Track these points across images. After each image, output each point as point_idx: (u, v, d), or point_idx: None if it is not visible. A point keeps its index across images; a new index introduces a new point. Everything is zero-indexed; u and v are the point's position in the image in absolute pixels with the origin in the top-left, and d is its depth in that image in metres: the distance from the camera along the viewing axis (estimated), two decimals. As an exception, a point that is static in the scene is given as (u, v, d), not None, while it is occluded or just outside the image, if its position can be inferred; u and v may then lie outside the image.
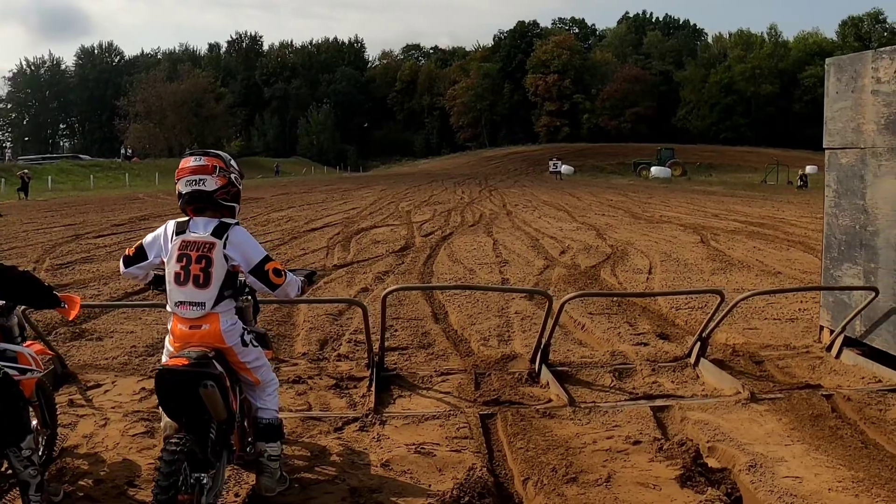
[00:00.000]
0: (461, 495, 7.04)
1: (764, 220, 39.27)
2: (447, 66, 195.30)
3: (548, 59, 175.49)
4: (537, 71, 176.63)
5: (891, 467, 7.86)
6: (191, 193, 6.88)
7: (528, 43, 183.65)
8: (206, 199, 6.88)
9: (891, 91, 11.06)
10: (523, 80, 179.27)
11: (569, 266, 22.57)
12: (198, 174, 6.89)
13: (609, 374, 11.18)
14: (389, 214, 42.42)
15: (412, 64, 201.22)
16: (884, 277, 11.26)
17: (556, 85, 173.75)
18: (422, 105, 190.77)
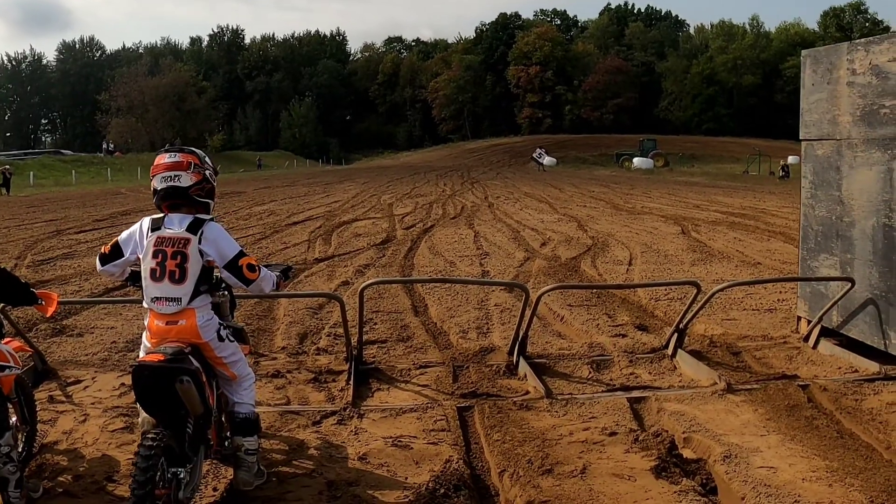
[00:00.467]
0: (437, 488, 7.08)
1: (745, 211, 39.36)
2: (429, 58, 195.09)
3: (530, 50, 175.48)
4: (519, 62, 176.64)
5: (865, 457, 7.92)
6: (166, 189, 6.91)
7: (509, 34, 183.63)
8: (182, 195, 6.92)
9: (866, 83, 11.12)
10: (505, 71, 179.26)
11: (549, 258, 22.61)
12: (173, 170, 6.92)
13: (587, 365, 11.22)
14: (371, 207, 42.42)
15: (394, 56, 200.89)
16: (860, 268, 11.32)
17: (538, 76, 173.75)
18: (404, 97, 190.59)
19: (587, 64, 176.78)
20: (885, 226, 10.76)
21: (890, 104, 10.65)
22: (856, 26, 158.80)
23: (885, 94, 10.74)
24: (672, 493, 7.04)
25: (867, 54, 11.10)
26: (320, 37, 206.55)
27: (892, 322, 10.67)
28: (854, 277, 11.30)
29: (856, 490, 7.05)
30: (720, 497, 7.19)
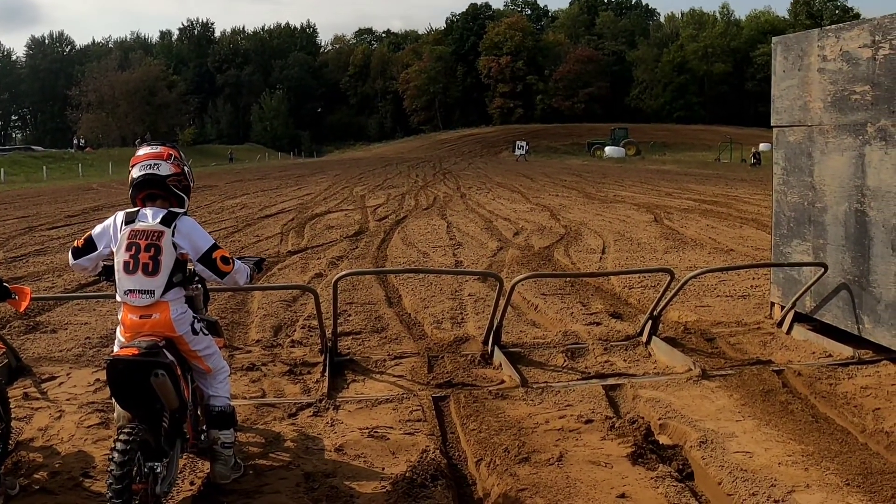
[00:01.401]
0: (415, 477, 7.10)
1: (717, 199, 39.46)
2: (400, 49, 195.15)
3: (500, 41, 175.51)
4: (490, 53, 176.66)
5: (841, 441, 7.99)
6: (143, 177, 7.00)
7: (480, 25, 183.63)
8: (159, 184, 7.00)
9: (836, 69, 11.18)
10: (476, 62, 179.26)
11: (522, 247, 22.62)
12: (153, 159, 7.03)
13: (562, 354, 11.24)
14: (343, 199, 42.35)
15: (365, 48, 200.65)
16: (832, 253, 11.38)
17: (509, 67, 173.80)
18: (375, 89, 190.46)
19: (558, 54, 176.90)
20: (856, 211, 10.82)
21: (861, 90, 10.71)
22: (826, 14, 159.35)
23: (855, 80, 10.80)
24: (649, 479, 7.07)
25: (838, 41, 11.17)
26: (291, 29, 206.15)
27: (864, 307, 10.73)
28: (827, 262, 11.36)
29: (831, 473, 7.09)
30: (697, 482, 7.23)
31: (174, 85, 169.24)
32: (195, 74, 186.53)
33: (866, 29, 10.64)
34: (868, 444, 7.96)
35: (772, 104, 12.89)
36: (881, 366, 10.29)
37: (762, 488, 6.77)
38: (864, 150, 10.67)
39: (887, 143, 10.24)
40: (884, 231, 10.32)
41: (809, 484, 6.90)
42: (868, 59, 10.58)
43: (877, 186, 10.46)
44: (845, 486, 6.86)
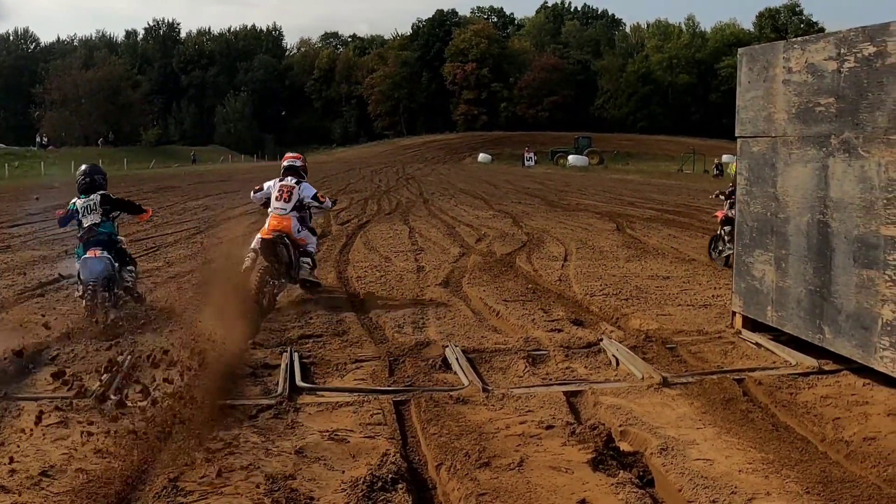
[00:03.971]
0: (374, 481, 7.07)
1: (679, 209, 39.68)
2: (365, 54, 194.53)
3: (466, 47, 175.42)
4: (455, 59, 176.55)
5: (801, 449, 8.04)
6: (288, 166, 16.19)
7: (446, 31, 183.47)
8: (295, 171, 16.13)
9: (801, 80, 11.27)
10: (441, 68, 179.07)
11: (484, 254, 22.67)
12: (293, 159, 16.51)
13: (523, 360, 11.22)
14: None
15: (330, 52, 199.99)
16: (794, 264, 11.45)
17: (474, 73, 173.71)
18: (339, 93, 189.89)
19: (523, 61, 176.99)
20: (819, 222, 10.88)
21: (825, 102, 10.79)
22: (791, 27, 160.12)
23: (820, 92, 10.88)
24: (609, 485, 7.06)
25: (803, 53, 11.25)
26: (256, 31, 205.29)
27: (826, 317, 10.78)
28: (789, 272, 11.43)
29: (791, 481, 7.12)
30: (657, 489, 7.24)
31: (138, 85, 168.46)
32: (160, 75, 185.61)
33: (832, 42, 10.71)
34: (828, 453, 8.01)
35: (736, 115, 12.98)
36: (842, 376, 10.36)
37: (722, 495, 6.80)
38: (827, 161, 10.73)
39: (850, 155, 10.30)
40: (846, 242, 10.38)
41: (770, 491, 6.93)
42: (833, 72, 10.65)
43: (839, 198, 10.52)
44: (805, 493, 6.90)
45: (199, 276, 17.80)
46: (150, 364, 10.05)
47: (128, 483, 7.16)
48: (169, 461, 7.57)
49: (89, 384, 9.93)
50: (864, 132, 10.09)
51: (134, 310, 14.25)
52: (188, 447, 7.86)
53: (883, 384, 9.80)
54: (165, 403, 8.67)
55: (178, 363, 10.12)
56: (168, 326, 12.93)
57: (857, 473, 7.49)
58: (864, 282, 10.08)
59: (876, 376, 9.95)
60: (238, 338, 11.51)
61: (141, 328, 13.00)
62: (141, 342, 12.04)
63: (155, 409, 8.68)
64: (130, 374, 10.06)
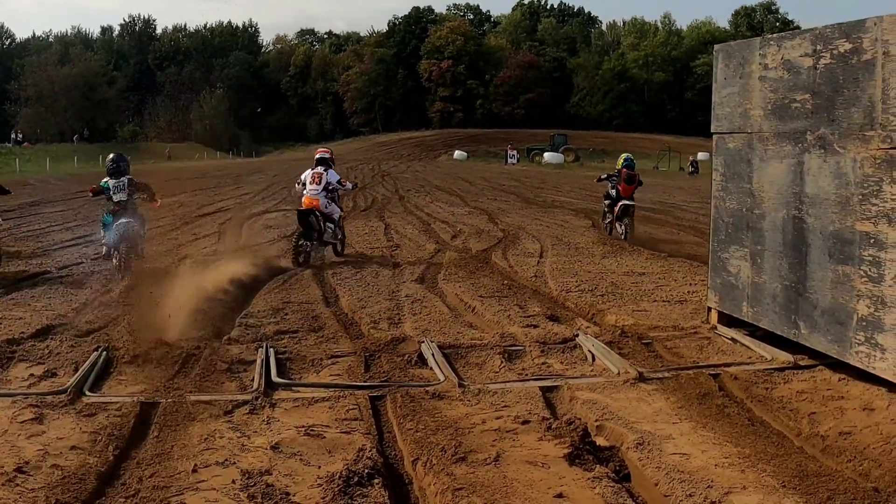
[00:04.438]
0: (351, 476, 7.05)
1: (655, 206, 39.69)
2: (341, 51, 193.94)
3: (442, 44, 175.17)
4: (431, 56, 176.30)
5: (776, 443, 8.08)
6: (319, 158, 22.00)
7: (422, 28, 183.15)
8: (324, 161, 21.72)
9: (777, 77, 11.30)
10: (417, 65, 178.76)
11: (460, 250, 22.75)
12: (325, 152, 22.49)
13: (499, 355, 11.24)
14: (282, 199, 42.23)
15: (306, 49, 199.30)
16: (770, 259, 11.48)
17: (450, 71, 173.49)
18: (315, 90, 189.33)
19: (499, 59, 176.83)
20: (794, 217, 10.92)
21: (801, 98, 10.81)
22: (766, 25, 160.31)
23: (796, 89, 10.92)
24: (586, 479, 7.08)
25: (779, 50, 11.28)
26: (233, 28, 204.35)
27: (801, 312, 10.81)
28: (764, 268, 11.46)
29: (768, 475, 7.15)
30: (634, 483, 7.26)
31: (114, 81, 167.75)
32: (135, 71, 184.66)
33: (808, 39, 10.74)
34: (804, 448, 8.05)
35: (712, 111, 13.01)
36: (817, 371, 10.40)
37: (699, 489, 6.81)
38: (803, 157, 10.76)
39: (826, 150, 10.33)
40: (821, 238, 10.41)
41: (746, 485, 6.94)
42: (809, 69, 10.67)
43: (815, 194, 10.55)
44: (781, 487, 6.92)
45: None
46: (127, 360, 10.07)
47: (103, 479, 7.13)
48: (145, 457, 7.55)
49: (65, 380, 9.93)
50: (840, 128, 10.12)
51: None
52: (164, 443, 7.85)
53: (858, 379, 9.83)
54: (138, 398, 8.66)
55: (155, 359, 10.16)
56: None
57: (833, 468, 7.53)
58: (839, 277, 10.11)
59: (851, 371, 9.99)
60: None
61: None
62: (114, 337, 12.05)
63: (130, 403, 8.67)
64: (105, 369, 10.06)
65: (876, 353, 9.50)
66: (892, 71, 9.29)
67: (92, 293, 15.97)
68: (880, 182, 9.46)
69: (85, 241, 24.29)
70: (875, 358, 9.52)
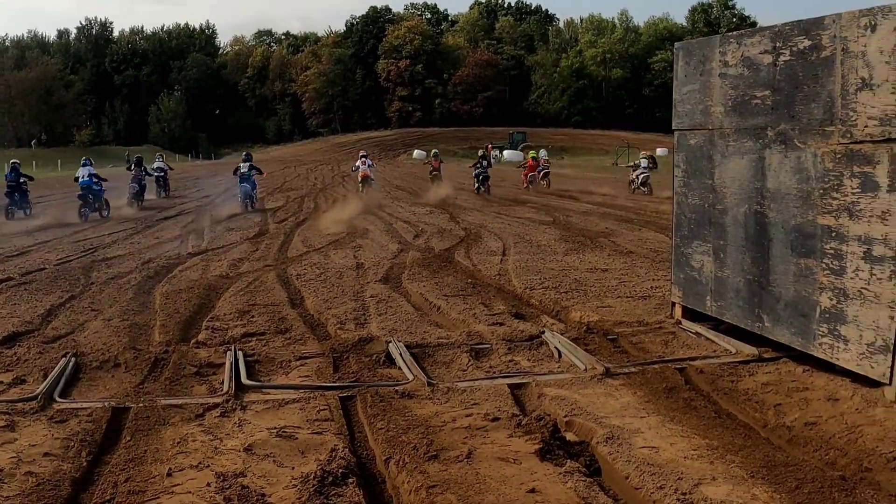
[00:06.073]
0: (325, 476, 7.07)
1: (616, 202, 39.92)
2: (299, 51, 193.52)
3: (400, 44, 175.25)
4: (389, 56, 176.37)
5: (744, 435, 8.17)
6: (362, 155, 48.54)
7: (380, 28, 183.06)
8: (364, 157, 47.92)
9: (737, 74, 11.41)
10: (375, 65, 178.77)
11: (423, 249, 22.77)
12: (365, 154, 49.57)
13: (466, 353, 11.29)
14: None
15: (264, 50, 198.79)
16: (733, 254, 11.60)
17: (408, 70, 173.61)
18: (273, 91, 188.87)
19: (457, 58, 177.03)
20: (756, 212, 11.03)
21: (761, 94, 10.93)
22: (723, 21, 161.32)
23: (756, 85, 11.02)
24: (557, 474, 7.13)
25: (739, 47, 11.39)
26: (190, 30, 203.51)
27: (764, 306, 10.93)
28: (727, 262, 11.58)
29: (736, 466, 7.24)
30: (605, 477, 7.32)
31: (71, 85, 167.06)
32: (92, 74, 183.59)
33: (767, 36, 10.85)
34: (770, 439, 8.16)
35: (673, 108, 13.11)
36: (781, 363, 10.49)
37: (669, 481, 6.88)
38: (764, 153, 10.88)
39: (787, 146, 10.45)
40: (783, 232, 10.53)
41: (715, 477, 7.02)
42: (769, 65, 10.79)
43: (776, 189, 10.67)
44: (750, 478, 7.00)
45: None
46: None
47: (78, 485, 7.15)
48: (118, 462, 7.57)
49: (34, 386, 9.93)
50: (800, 124, 10.24)
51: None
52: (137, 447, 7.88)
53: (822, 370, 9.93)
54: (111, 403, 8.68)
55: (124, 364, 10.18)
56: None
57: (800, 457, 7.62)
58: (801, 270, 10.23)
59: (815, 363, 10.10)
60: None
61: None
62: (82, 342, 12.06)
63: (101, 408, 8.69)
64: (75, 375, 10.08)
65: (839, 345, 9.63)
66: (850, 67, 9.42)
67: (57, 298, 15.92)
68: (841, 176, 9.59)
69: (48, 247, 24.26)
70: (838, 349, 9.65)
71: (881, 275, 9.04)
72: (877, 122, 9.05)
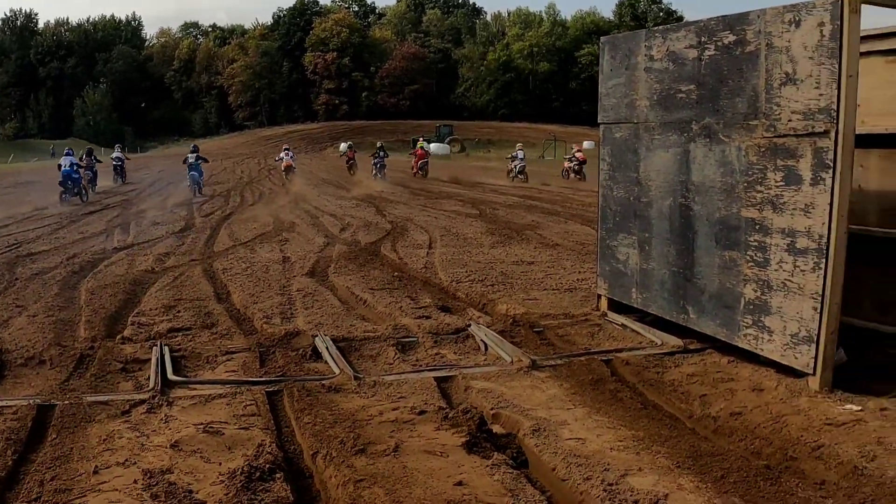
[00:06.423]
0: (252, 472, 7.05)
1: (542, 195, 40.08)
2: (226, 44, 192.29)
3: (327, 36, 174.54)
4: (316, 49, 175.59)
5: (670, 426, 8.25)
6: (285, 148, 57.07)
7: (307, 21, 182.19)
8: (287, 150, 56.49)
9: (663, 68, 11.49)
10: (302, 58, 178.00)
11: (349, 243, 22.70)
12: (287, 147, 57.07)
13: (392, 347, 11.28)
14: (169, 195, 41.94)
15: (190, 42, 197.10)
16: (658, 246, 11.69)
17: (335, 63, 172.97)
18: (200, 84, 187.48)
19: (384, 50, 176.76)
20: (681, 205, 11.12)
21: (686, 89, 11.02)
22: (650, 16, 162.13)
23: (681, 80, 11.11)
24: (484, 466, 7.16)
25: (665, 41, 11.47)
26: (116, 22, 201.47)
27: (689, 298, 11.03)
28: (652, 255, 11.67)
29: (662, 456, 7.31)
30: (532, 469, 7.36)
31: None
32: (16, 67, 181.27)
33: (693, 31, 10.93)
34: (696, 429, 8.25)
35: (599, 102, 13.17)
36: (706, 354, 10.62)
37: (596, 472, 6.93)
38: (689, 146, 10.97)
39: (711, 140, 10.55)
40: (707, 224, 10.63)
41: (641, 467, 7.08)
42: (694, 60, 10.87)
43: (701, 182, 10.76)
44: (676, 468, 7.07)
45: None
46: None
47: (3, 484, 7.07)
48: (45, 460, 7.50)
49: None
50: (725, 118, 10.33)
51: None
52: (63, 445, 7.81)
53: (747, 361, 10.06)
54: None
55: (49, 361, 10.10)
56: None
57: (725, 447, 7.71)
58: (726, 262, 10.33)
59: (740, 354, 10.21)
60: None
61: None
62: (6, 339, 11.94)
63: (26, 406, 8.61)
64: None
65: (763, 336, 9.74)
66: (774, 62, 9.52)
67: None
68: (764, 170, 9.69)
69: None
70: (763, 340, 9.76)
71: (805, 267, 9.14)
72: (800, 117, 9.15)
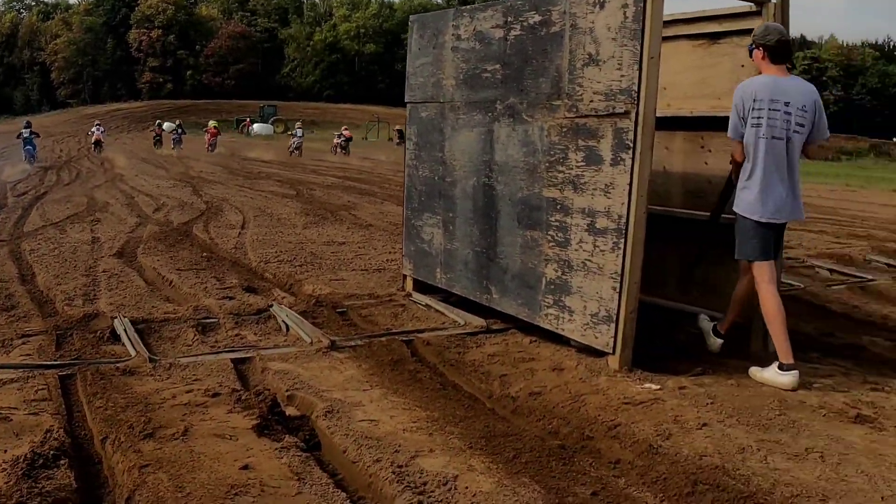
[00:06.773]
0: (36, 459, 6.82)
1: (361, 175, 40.27)
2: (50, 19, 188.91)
3: (152, 13, 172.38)
4: (141, 26, 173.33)
5: (467, 406, 8.26)
6: (96, 127, 61.90)
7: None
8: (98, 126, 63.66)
9: (470, 48, 11.49)
10: (127, 34, 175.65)
11: (162, 223, 22.37)
12: (100, 124, 64.69)
13: (192, 328, 11.07)
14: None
15: (13, 16, 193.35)
16: (462, 226, 11.69)
17: (160, 40, 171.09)
18: (22, 60, 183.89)
19: (210, 29, 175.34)
20: (485, 185, 11.13)
21: (492, 69, 11.02)
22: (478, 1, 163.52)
23: (487, 59, 11.12)
24: (273, 450, 7.04)
25: (472, 21, 11.48)
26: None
27: (492, 278, 11.06)
28: (456, 234, 11.69)
29: (455, 437, 7.29)
30: (323, 452, 7.29)
31: None
32: None
33: (500, 10, 10.94)
34: (495, 409, 8.27)
35: (406, 81, 13.15)
36: (509, 334, 10.66)
37: (386, 454, 6.86)
38: (493, 126, 10.98)
39: (515, 119, 10.57)
40: (510, 204, 10.66)
41: (433, 448, 7.04)
42: (500, 40, 10.88)
43: (504, 162, 10.78)
44: (468, 448, 7.05)
45: None
46: None
47: None
48: None
49: None
50: (528, 98, 10.36)
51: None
52: None
53: (548, 341, 10.12)
54: None
55: None
56: None
57: (522, 427, 7.72)
58: (528, 242, 10.37)
59: (541, 333, 10.28)
60: None
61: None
62: None
63: None
64: None
65: (564, 315, 9.80)
66: (578, 43, 9.56)
67: None
68: (566, 150, 9.73)
69: None
70: (563, 320, 9.82)
71: (604, 247, 9.21)
72: (602, 98, 9.21)
